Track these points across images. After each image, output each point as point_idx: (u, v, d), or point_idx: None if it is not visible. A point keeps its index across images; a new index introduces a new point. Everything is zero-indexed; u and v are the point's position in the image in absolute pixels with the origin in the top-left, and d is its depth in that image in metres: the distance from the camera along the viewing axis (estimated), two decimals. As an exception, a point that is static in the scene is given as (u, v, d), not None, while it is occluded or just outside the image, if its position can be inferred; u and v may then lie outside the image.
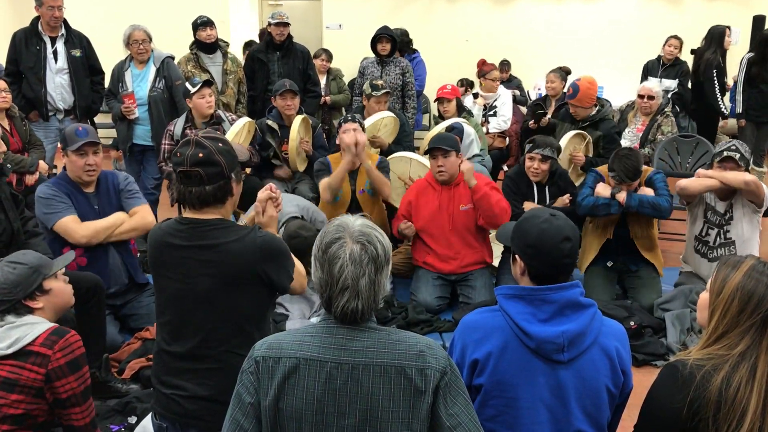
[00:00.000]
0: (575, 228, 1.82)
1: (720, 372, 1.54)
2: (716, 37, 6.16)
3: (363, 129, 4.17)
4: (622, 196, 3.78)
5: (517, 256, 1.84)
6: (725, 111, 6.20)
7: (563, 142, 4.53)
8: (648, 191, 3.85)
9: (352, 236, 1.51)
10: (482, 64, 6.52)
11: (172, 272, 2.06)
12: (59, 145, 5.06)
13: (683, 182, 3.85)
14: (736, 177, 3.65)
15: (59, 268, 2.36)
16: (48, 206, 3.26)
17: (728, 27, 6.38)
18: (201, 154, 2.03)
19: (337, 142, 4.19)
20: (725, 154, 3.71)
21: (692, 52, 6.40)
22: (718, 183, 3.71)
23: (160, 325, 2.14)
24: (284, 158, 4.73)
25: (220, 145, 2.08)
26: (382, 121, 4.71)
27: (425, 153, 4.09)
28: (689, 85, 6.52)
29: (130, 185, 3.55)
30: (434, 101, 5.14)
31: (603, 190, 3.86)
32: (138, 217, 3.45)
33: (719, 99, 6.09)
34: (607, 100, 5.12)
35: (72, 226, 3.26)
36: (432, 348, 1.53)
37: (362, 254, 1.49)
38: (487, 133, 5.75)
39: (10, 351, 2.06)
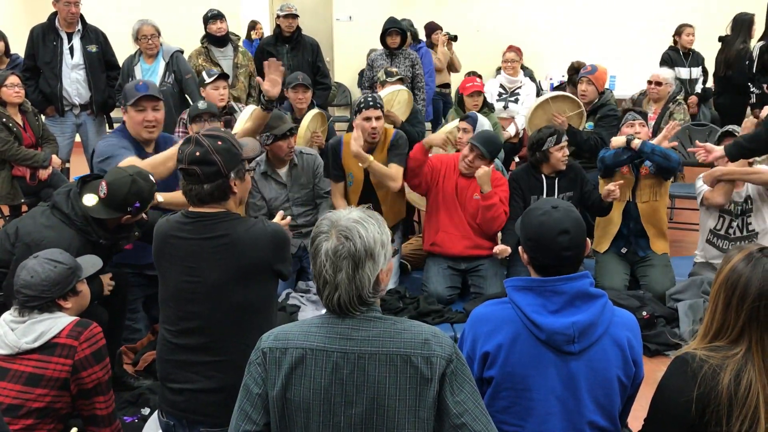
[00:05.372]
0: (577, 220, 1.77)
1: (726, 370, 1.51)
2: (744, 26, 5.81)
3: (382, 111, 3.97)
4: (636, 143, 3.80)
5: (521, 247, 1.84)
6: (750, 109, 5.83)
7: (550, 95, 4.28)
8: None
9: (337, 230, 1.50)
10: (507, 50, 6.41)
11: (178, 265, 2.07)
12: (76, 139, 5.14)
13: (708, 196, 3.74)
14: (760, 176, 3.48)
15: (90, 273, 2.40)
16: (108, 153, 3.04)
17: (754, 14, 5.99)
18: (198, 153, 2.02)
19: (354, 125, 3.99)
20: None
21: (720, 39, 5.99)
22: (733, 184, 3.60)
23: (164, 318, 2.14)
24: None
25: (219, 143, 2.04)
26: (396, 96, 4.62)
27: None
28: (708, 75, 6.36)
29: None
30: (467, 95, 4.87)
31: (616, 141, 3.93)
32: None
33: (752, 93, 5.71)
34: (609, 89, 5.10)
35: (137, 162, 2.95)
36: (437, 336, 1.53)
37: (339, 250, 1.48)
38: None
39: (36, 344, 2.09)
